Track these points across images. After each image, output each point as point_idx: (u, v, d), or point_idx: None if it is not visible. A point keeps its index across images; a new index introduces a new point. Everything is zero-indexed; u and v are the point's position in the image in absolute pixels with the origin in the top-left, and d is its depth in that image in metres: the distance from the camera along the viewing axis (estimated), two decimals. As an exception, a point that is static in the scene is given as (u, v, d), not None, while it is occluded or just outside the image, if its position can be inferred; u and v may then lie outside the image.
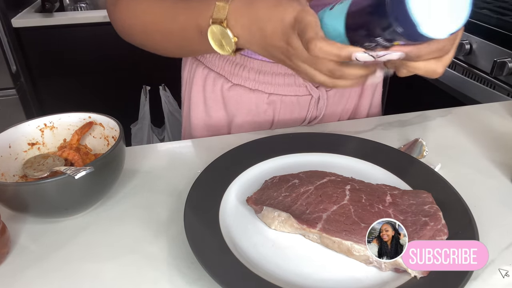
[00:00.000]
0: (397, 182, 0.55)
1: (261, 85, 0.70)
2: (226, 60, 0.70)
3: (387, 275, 0.43)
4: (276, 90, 0.70)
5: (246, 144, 0.62)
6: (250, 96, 0.71)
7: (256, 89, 0.71)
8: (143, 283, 0.43)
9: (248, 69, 0.69)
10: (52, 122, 0.58)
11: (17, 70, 1.66)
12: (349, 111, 0.79)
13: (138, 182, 0.59)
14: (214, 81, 0.73)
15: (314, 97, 0.72)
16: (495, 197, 0.54)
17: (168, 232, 0.50)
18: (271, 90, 0.70)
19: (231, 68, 0.70)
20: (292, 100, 0.72)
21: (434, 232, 0.44)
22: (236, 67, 0.70)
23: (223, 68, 0.71)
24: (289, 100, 0.72)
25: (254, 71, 0.69)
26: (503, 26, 1.22)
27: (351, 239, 0.44)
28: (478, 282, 0.42)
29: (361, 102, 0.79)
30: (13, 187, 0.45)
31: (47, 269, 0.45)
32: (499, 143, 0.65)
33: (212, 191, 0.53)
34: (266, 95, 0.71)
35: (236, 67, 0.70)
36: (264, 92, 0.71)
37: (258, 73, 0.69)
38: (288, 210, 0.48)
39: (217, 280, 0.40)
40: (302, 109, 0.74)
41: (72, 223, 0.52)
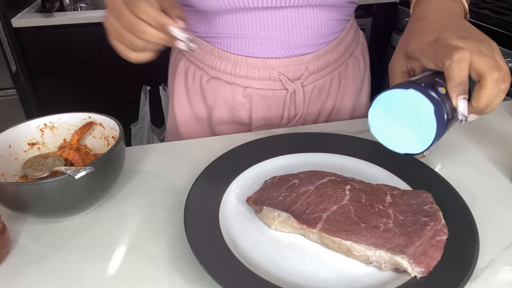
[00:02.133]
0: (397, 182, 0.55)
1: (237, 79, 0.71)
2: (205, 53, 0.72)
3: (387, 275, 0.43)
4: (252, 84, 0.72)
5: (246, 144, 0.62)
6: (227, 89, 0.73)
7: (233, 83, 0.72)
8: (143, 283, 0.43)
9: (225, 62, 0.71)
10: (52, 122, 0.58)
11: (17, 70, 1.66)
12: (329, 110, 0.79)
13: (138, 182, 0.59)
14: (194, 73, 0.75)
15: (290, 91, 0.72)
16: (495, 197, 0.54)
17: (168, 232, 0.50)
18: (247, 83, 0.72)
19: (209, 61, 0.72)
20: (268, 94, 0.73)
21: (434, 232, 0.44)
22: (214, 60, 0.71)
23: (202, 61, 0.73)
24: (264, 93, 0.73)
25: (230, 64, 0.70)
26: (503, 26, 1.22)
27: (351, 239, 0.44)
28: (478, 282, 0.42)
29: (342, 101, 0.79)
30: (13, 187, 0.45)
31: (47, 269, 0.45)
32: (499, 143, 0.65)
33: (212, 191, 0.53)
34: (242, 88, 0.72)
35: (214, 59, 0.71)
36: (240, 86, 0.72)
37: (234, 66, 0.70)
38: (288, 210, 0.48)
39: (217, 280, 0.40)
40: (279, 104, 0.74)
41: (72, 223, 0.52)
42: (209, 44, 0.71)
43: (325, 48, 0.72)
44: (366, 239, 0.44)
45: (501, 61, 0.40)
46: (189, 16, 0.72)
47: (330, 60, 0.74)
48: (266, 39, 0.68)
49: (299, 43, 0.69)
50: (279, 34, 0.67)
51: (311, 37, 0.69)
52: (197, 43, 0.73)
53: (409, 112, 0.39)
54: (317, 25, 0.69)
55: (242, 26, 0.67)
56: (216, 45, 0.71)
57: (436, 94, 0.39)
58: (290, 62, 0.70)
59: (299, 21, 0.67)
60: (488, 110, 0.40)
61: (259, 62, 0.70)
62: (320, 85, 0.75)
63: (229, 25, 0.67)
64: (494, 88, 0.38)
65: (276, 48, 0.69)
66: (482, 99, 0.39)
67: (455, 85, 0.39)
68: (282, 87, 0.72)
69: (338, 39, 0.74)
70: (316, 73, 0.73)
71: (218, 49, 0.71)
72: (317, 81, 0.74)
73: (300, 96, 0.73)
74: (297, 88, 0.72)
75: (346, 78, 0.78)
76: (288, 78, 0.71)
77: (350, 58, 0.78)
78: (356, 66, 0.80)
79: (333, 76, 0.76)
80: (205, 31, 0.71)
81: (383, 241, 0.43)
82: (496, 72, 0.38)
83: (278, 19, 0.66)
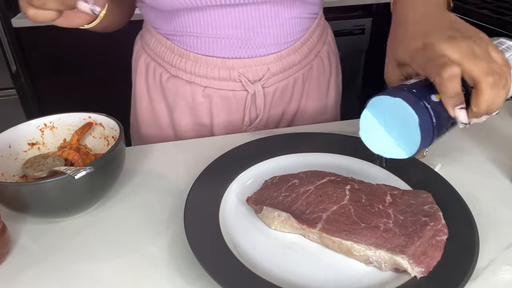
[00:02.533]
0: (397, 182, 0.55)
1: (196, 78, 0.70)
2: (166, 49, 0.71)
3: (387, 275, 0.43)
4: (211, 84, 0.70)
5: (246, 144, 0.62)
6: (186, 88, 0.72)
7: (193, 82, 0.71)
8: (143, 283, 0.43)
9: (185, 60, 0.69)
10: (52, 122, 0.58)
11: (17, 70, 1.66)
12: (293, 112, 0.77)
13: (138, 182, 0.59)
14: (154, 70, 0.74)
15: (250, 93, 0.71)
16: (495, 197, 0.54)
17: (168, 232, 0.50)
18: (206, 83, 0.70)
19: (169, 58, 0.71)
20: (228, 95, 0.71)
21: (434, 232, 0.44)
22: (174, 57, 0.70)
23: (162, 58, 0.72)
24: (224, 94, 0.71)
25: (190, 63, 0.69)
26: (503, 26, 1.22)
27: (351, 239, 0.44)
28: (478, 282, 0.42)
29: (307, 104, 0.78)
30: (13, 187, 0.45)
31: (47, 269, 0.45)
32: (499, 143, 0.65)
33: (212, 191, 0.53)
34: (202, 88, 0.71)
35: (174, 57, 0.70)
36: (200, 85, 0.71)
37: (193, 65, 0.69)
38: (288, 210, 0.48)
39: (217, 280, 0.40)
40: (240, 105, 0.73)
41: (72, 223, 0.52)
42: (169, 41, 0.70)
43: (288, 49, 0.70)
44: (366, 239, 0.44)
45: (495, 54, 0.39)
46: (148, 12, 0.71)
47: (293, 61, 0.72)
48: (225, 38, 0.66)
49: (260, 43, 0.67)
50: (239, 34, 0.66)
51: (273, 36, 0.68)
52: (157, 38, 0.71)
53: (397, 119, 0.40)
54: (279, 23, 0.67)
55: (201, 25, 0.65)
56: (176, 43, 0.69)
57: (427, 103, 0.38)
58: (251, 62, 0.69)
59: (260, 20, 0.65)
60: (492, 110, 0.39)
61: (218, 61, 0.68)
62: (282, 86, 0.73)
63: (187, 23, 0.66)
64: (492, 91, 0.37)
65: (236, 48, 0.67)
66: (481, 104, 0.38)
67: (449, 98, 0.38)
68: (243, 88, 0.71)
69: (302, 39, 0.72)
70: (278, 75, 0.71)
71: (178, 46, 0.69)
72: (279, 83, 0.72)
73: (261, 98, 0.71)
74: (257, 90, 0.71)
75: (310, 79, 0.76)
76: (249, 79, 0.70)
77: (315, 59, 0.76)
78: (321, 68, 0.78)
79: (296, 77, 0.74)
80: (164, 28, 0.70)
81: (383, 241, 0.43)
82: (491, 77, 0.37)
83: (237, 18, 0.64)
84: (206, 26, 0.65)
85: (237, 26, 0.65)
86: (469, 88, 0.39)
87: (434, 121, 0.39)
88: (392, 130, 0.41)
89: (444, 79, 0.37)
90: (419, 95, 0.39)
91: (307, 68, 0.75)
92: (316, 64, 0.76)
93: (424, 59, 0.40)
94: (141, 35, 0.78)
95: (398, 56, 0.43)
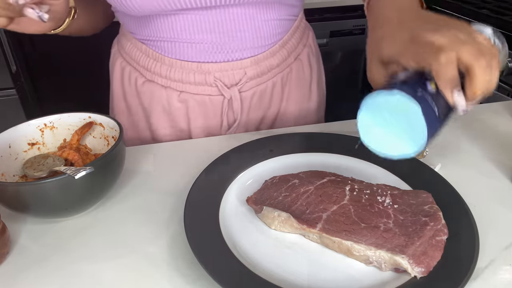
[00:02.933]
0: (397, 182, 0.55)
1: (172, 83, 0.69)
2: (141, 54, 0.69)
3: (387, 275, 0.43)
4: (187, 88, 0.69)
5: (246, 144, 0.62)
6: (162, 93, 0.70)
7: (168, 87, 0.69)
8: (143, 283, 0.43)
9: (160, 64, 0.68)
10: (52, 122, 0.58)
11: (17, 70, 1.66)
12: (273, 116, 0.76)
13: (138, 182, 0.59)
14: (130, 74, 0.73)
15: (226, 98, 0.69)
16: (495, 197, 0.54)
17: (168, 232, 0.50)
18: (182, 88, 0.69)
19: (144, 62, 0.69)
20: (204, 100, 0.70)
21: (434, 232, 0.44)
22: (149, 61, 0.69)
23: (137, 62, 0.70)
24: (201, 99, 0.70)
25: (165, 67, 0.68)
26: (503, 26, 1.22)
27: (351, 239, 0.44)
28: (478, 282, 0.42)
29: (287, 107, 0.76)
30: (13, 187, 0.45)
31: (47, 269, 0.45)
32: (499, 143, 0.65)
33: (212, 191, 0.53)
34: (177, 93, 0.70)
35: (149, 61, 0.69)
36: (175, 90, 0.69)
37: (169, 70, 0.68)
38: (288, 210, 0.48)
39: (217, 280, 0.40)
40: (216, 110, 0.71)
41: (72, 223, 0.52)
42: (144, 45, 0.69)
43: (266, 52, 0.68)
44: (366, 239, 0.44)
45: (480, 38, 0.39)
46: (123, 17, 0.69)
47: (271, 64, 0.70)
48: (200, 43, 0.65)
49: (237, 46, 0.66)
50: (214, 38, 0.64)
51: (250, 40, 0.66)
52: (133, 43, 0.70)
53: (398, 114, 0.39)
54: (255, 26, 0.65)
55: (175, 30, 0.64)
56: (151, 47, 0.68)
57: (424, 92, 0.38)
58: (227, 66, 0.67)
59: (235, 24, 0.63)
60: (488, 92, 0.39)
61: (194, 66, 0.67)
62: (260, 90, 0.71)
63: (161, 29, 0.64)
64: (485, 75, 0.37)
65: (211, 52, 0.66)
66: (476, 89, 0.38)
67: (447, 82, 0.38)
68: (219, 93, 0.69)
69: (281, 41, 0.70)
70: (256, 78, 0.70)
71: (153, 51, 0.68)
72: (257, 87, 0.70)
73: (237, 103, 0.70)
74: (233, 94, 0.69)
75: (290, 83, 0.74)
76: (225, 83, 0.68)
77: (294, 62, 0.74)
78: (301, 71, 0.76)
79: (275, 81, 0.72)
80: (139, 33, 0.68)
81: (383, 241, 0.43)
82: (482, 59, 0.37)
83: (212, 22, 0.63)
84: (181, 31, 0.64)
85: (212, 30, 0.63)
86: (461, 74, 0.39)
87: (435, 109, 0.38)
88: (395, 128, 0.40)
89: (442, 64, 0.37)
90: (414, 86, 0.38)
91: (286, 71, 0.73)
92: (295, 67, 0.74)
93: (415, 50, 0.40)
94: (117, 39, 0.77)
95: (383, 54, 0.43)
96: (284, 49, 0.71)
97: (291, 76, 0.74)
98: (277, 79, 0.72)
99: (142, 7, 0.59)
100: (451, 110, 0.40)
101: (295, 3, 0.70)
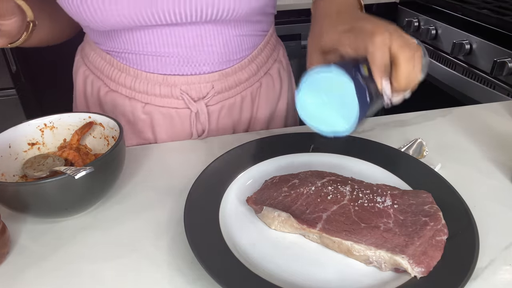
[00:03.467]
0: (397, 182, 0.55)
1: (137, 94, 0.67)
2: (105, 63, 0.67)
3: (387, 275, 0.43)
4: (152, 101, 0.67)
5: (246, 144, 0.62)
6: (125, 104, 0.68)
7: (132, 98, 0.67)
8: (143, 283, 0.43)
9: (124, 75, 0.66)
10: (52, 122, 0.58)
11: (17, 70, 1.66)
12: (247, 122, 0.75)
13: (138, 182, 0.59)
14: (92, 83, 0.71)
15: (193, 112, 0.68)
16: (495, 197, 0.54)
17: (168, 232, 0.50)
18: (147, 99, 0.67)
19: (108, 72, 0.67)
20: (171, 113, 0.68)
21: (434, 232, 0.44)
22: (113, 71, 0.67)
23: (101, 71, 0.68)
24: (166, 111, 0.68)
25: (130, 78, 0.66)
26: (503, 26, 1.22)
27: (351, 239, 0.44)
28: (478, 282, 0.42)
29: (258, 114, 0.75)
30: (13, 187, 0.45)
31: (47, 269, 0.45)
32: (499, 143, 0.65)
33: (212, 191, 0.53)
34: (142, 105, 0.68)
35: (113, 71, 0.67)
36: (140, 101, 0.67)
37: (133, 80, 0.66)
38: (288, 210, 0.48)
39: (217, 280, 0.40)
40: (184, 123, 0.69)
41: (72, 223, 0.52)
42: (109, 55, 0.67)
43: (235, 66, 0.68)
44: (366, 239, 0.44)
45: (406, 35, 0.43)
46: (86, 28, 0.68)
47: (240, 79, 0.69)
48: (166, 56, 0.63)
49: (204, 60, 0.65)
50: (181, 52, 0.63)
51: (217, 54, 0.65)
52: (97, 52, 0.68)
53: (333, 92, 0.42)
54: (223, 42, 0.64)
55: (140, 44, 0.62)
56: (116, 58, 0.66)
57: (358, 74, 0.41)
58: (194, 80, 0.65)
59: (202, 39, 0.62)
60: (409, 87, 0.43)
61: (160, 78, 0.65)
62: (229, 104, 0.70)
63: (126, 41, 0.63)
64: (409, 65, 0.41)
65: (178, 65, 0.64)
66: (401, 78, 0.42)
67: (379, 68, 0.42)
68: (185, 106, 0.67)
69: (250, 56, 0.69)
70: (224, 92, 0.68)
71: (118, 61, 0.66)
72: (225, 101, 0.69)
73: (204, 116, 0.68)
74: (200, 108, 0.67)
75: (260, 97, 0.74)
76: (192, 96, 0.67)
77: (264, 76, 0.73)
78: (271, 85, 0.75)
79: (244, 95, 0.71)
80: (103, 44, 0.66)
81: (383, 241, 0.43)
82: (407, 50, 0.41)
83: (177, 37, 0.61)
84: (146, 45, 0.62)
85: (178, 44, 0.62)
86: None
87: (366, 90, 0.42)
88: (330, 106, 0.43)
89: (377, 45, 0.41)
90: (348, 66, 0.42)
91: (256, 85, 0.72)
92: (265, 81, 0.74)
93: (353, 36, 0.44)
94: (81, 47, 0.75)
95: (324, 44, 0.47)
96: (253, 64, 0.70)
97: (261, 90, 0.73)
98: (247, 94, 0.71)
99: (104, 22, 0.57)
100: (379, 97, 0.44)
101: (263, 19, 0.69)
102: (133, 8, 0.56)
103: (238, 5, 0.58)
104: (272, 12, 0.72)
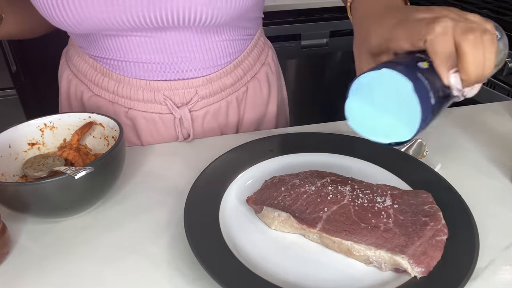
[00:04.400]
0: (397, 182, 0.55)
1: (120, 99, 0.66)
2: (88, 67, 0.67)
3: (387, 275, 0.43)
4: (135, 106, 0.66)
5: (246, 144, 0.62)
6: (109, 108, 0.67)
7: (115, 102, 0.67)
8: (143, 283, 0.43)
9: (107, 79, 0.65)
10: (52, 122, 0.58)
11: (17, 70, 1.66)
12: (234, 125, 0.73)
13: (138, 182, 0.59)
14: (76, 88, 0.70)
15: (177, 118, 0.67)
16: (495, 197, 0.54)
17: (168, 232, 0.50)
18: (130, 104, 0.66)
19: (92, 76, 0.66)
20: (154, 118, 0.67)
21: (434, 232, 0.44)
22: (96, 75, 0.66)
23: (84, 75, 0.67)
24: (150, 117, 0.67)
25: (113, 82, 0.65)
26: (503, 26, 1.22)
27: (351, 239, 0.44)
28: (478, 282, 0.42)
29: (245, 118, 0.74)
30: (13, 187, 0.45)
31: (47, 269, 0.45)
32: (499, 143, 0.65)
33: (212, 191, 0.53)
34: (125, 110, 0.67)
35: (96, 75, 0.66)
36: (123, 106, 0.67)
37: (116, 85, 0.65)
38: (288, 210, 0.48)
39: (217, 280, 0.40)
40: (168, 128, 0.69)
41: (72, 223, 0.52)
42: (92, 59, 0.66)
43: (219, 71, 0.66)
44: (366, 239, 0.44)
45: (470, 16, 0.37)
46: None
47: (224, 84, 0.67)
48: (148, 62, 0.62)
49: (187, 67, 0.64)
50: (162, 58, 0.62)
51: (200, 60, 0.64)
52: (80, 55, 0.68)
53: (388, 96, 0.35)
54: (206, 48, 0.63)
55: (121, 50, 0.62)
56: (99, 62, 0.65)
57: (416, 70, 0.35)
58: (177, 85, 0.64)
59: (184, 45, 0.61)
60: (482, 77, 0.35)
61: (143, 83, 0.64)
62: (214, 110, 0.69)
63: (107, 47, 0.62)
64: (477, 51, 0.34)
65: (160, 71, 0.63)
66: (469, 68, 0.34)
67: (443, 59, 0.35)
68: (168, 111, 0.66)
69: (236, 61, 0.68)
70: (208, 98, 0.67)
71: (101, 65, 0.65)
72: (209, 106, 0.68)
73: (188, 122, 0.67)
74: (184, 114, 0.66)
75: (246, 101, 0.72)
76: (175, 102, 0.66)
77: (251, 80, 0.71)
78: (258, 90, 0.73)
79: (229, 100, 0.70)
80: (86, 48, 0.66)
81: (383, 241, 0.43)
82: (471, 34, 0.34)
83: (159, 43, 0.60)
84: (127, 51, 0.62)
85: (160, 51, 0.61)
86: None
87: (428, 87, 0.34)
88: (387, 111, 0.36)
89: (438, 34, 0.34)
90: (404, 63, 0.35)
91: (242, 90, 0.71)
92: (252, 85, 0.72)
93: (408, 27, 0.37)
94: (66, 50, 0.75)
95: (373, 44, 0.41)
96: (239, 69, 0.69)
97: (247, 95, 0.72)
98: (232, 99, 0.70)
99: (76, 26, 0.55)
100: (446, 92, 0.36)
101: (249, 25, 0.67)
102: (107, 13, 0.54)
103: (217, 11, 0.56)
104: (259, 16, 0.71)
